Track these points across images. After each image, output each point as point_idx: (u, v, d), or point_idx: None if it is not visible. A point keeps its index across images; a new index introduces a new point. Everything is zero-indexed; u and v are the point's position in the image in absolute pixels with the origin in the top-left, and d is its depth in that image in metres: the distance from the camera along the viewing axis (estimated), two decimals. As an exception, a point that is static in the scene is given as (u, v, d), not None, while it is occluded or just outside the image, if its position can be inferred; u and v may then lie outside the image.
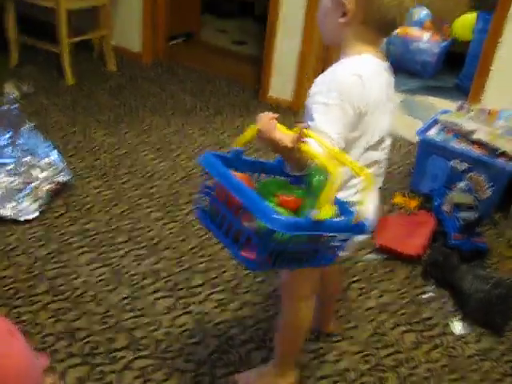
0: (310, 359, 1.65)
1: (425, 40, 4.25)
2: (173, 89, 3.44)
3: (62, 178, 2.21)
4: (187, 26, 4.30)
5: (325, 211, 1.04)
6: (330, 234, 1.13)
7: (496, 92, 2.82)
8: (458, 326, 1.85)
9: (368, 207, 1.23)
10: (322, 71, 1.28)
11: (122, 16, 3.77)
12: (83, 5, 3.33)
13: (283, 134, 1.14)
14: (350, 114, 1.18)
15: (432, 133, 2.53)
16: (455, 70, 4.17)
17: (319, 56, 3.24)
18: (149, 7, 3.68)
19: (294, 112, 3.25)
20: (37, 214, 2.09)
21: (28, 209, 2.07)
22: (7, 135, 2.33)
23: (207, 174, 1.14)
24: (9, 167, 2.15)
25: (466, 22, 4.20)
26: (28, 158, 2.21)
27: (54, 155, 2.26)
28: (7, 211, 2.04)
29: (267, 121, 1.17)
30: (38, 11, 3.34)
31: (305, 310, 1.46)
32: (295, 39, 3.19)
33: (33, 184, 2.11)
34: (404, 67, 4.30)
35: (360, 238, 1.24)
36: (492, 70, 2.81)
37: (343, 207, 1.15)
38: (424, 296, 1.95)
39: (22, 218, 2.04)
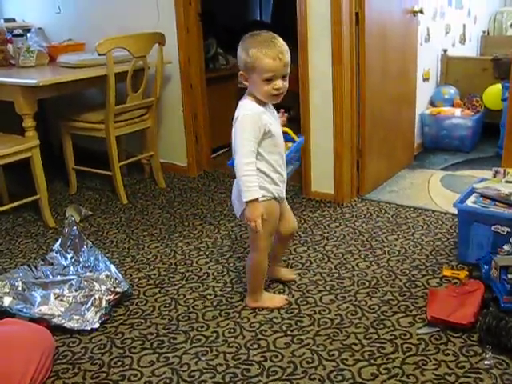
0: None
1: (457, 116, 4.37)
2: (220, 196, 3.63)
3: (120, 289, 2.36)
4: (228, 138, 4.55)
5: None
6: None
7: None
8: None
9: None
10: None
11: (167, 135, 4.09)
12: (130, 130, 3.64)
13: None
14: None
15: (469, 202, 2.58)
16: (494, 139, 4.24)
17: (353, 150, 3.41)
18: (190, 125, 3.99)
19: (338, 203, 3.38)
20: (99, 323, 2.23)
21: (91, 319, 2.21)
22: (69, 256, 2.56)
23: None
24: (72, 283, 2.34)
25: (494, 93, 4.33)
26: (89, 274, 2.40)
27: (112, 269, 2.44)
28: (73, 323, 2.19)
29: None
30: (91, 142, 3.68)
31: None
32: (328, 135, 3.36)
33: (94, 296, 2.27)
34: (442, 145, 4.42)
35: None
36: (520, 131, 2.88)
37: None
38: (483, 363, 1.93)
39: (86, 328, 2.19)
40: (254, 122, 2.01)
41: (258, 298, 2.34)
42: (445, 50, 4.71)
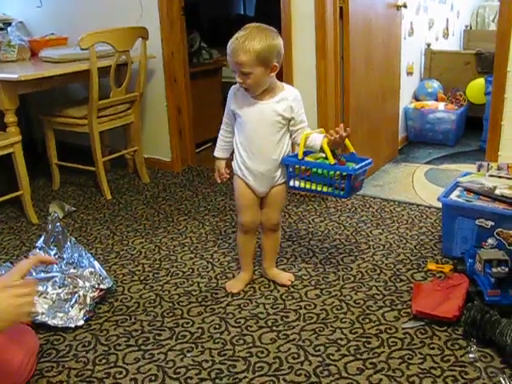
0: None
1: (441, 110, 4.40)
2: (204, 192, 3.62)
3: (104, 286, 2.34)
4: (212, 132, 4.54)
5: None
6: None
7: (511, 145, 2.90)
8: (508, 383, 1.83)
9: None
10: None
11: (151, 130, 4.06)
12: (113, 125, 3.61)
13: None
14: None
15: (453, 196, 2.60)
16: (477, 133, 4.28)
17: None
18: (174, 120, 3.97)
19: (322, 198, 3.38)
20: (84, 320, 2.21)
21: (75, 317, 2.19)
22: (52, 252, 2.53)
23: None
24: (56, 280, 2.30)
25: (477, 87, 4.37)
26: (73, 270, 2.37)
27: (96, 265, 2.42)
28: (57, 321, 2.16)
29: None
30: (75, 137, 3.64)
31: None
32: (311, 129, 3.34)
33: (78, 293, 2.25)
34: (426, 139, 4.45)
35: None
36: (503, 125, 2.90)
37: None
38: (468, 356, 1.94)
39: (70, 325, 2.17)
40: (228, 99, 2.32)
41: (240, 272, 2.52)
42: (428, 45, 4.73)
